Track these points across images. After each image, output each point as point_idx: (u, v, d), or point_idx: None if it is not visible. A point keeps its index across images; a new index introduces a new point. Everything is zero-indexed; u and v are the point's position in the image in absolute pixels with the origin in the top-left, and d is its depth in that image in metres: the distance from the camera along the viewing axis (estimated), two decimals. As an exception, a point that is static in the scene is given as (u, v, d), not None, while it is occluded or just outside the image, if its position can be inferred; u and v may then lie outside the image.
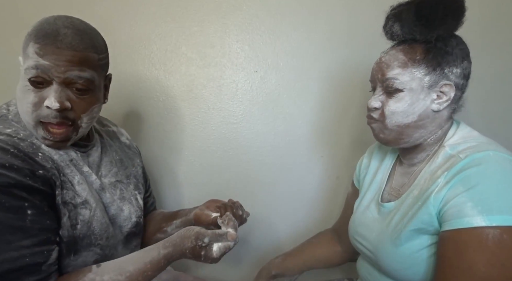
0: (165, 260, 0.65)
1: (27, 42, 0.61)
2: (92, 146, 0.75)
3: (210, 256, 0.66)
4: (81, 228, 0.66)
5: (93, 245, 0.68)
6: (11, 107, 0.67)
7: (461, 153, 0.62)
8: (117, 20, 1.11)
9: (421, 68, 0.66)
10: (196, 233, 0.65)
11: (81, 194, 0.67)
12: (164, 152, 1.20)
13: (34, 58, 0.60)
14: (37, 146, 0.63)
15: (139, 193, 0.86)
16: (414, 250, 0.64)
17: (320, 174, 1.23)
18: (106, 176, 0.77)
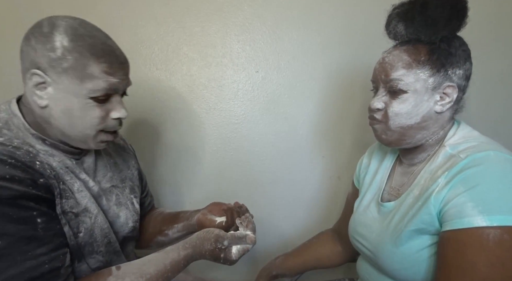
0: (184, 261, 0.65)
1: (82, 61, 0.59)
2: (85, 151, 0.72)
3: (229, 258, 0.66)
4: (84, 236, 0.65)
5: (95, 252, 0.68)
6: (2, 114, 0.63)
7: (462, 153, 0.62)
8: (118, 20, 1.12)
9: (425, 70, 0.66)
10: (216, 235, 0.66)
11: (81, 202, 0.66)
12: (164, 152, 1.20)
13: (104, 78, 0.61)
14: (34, 154, 0.60)
15: (135, 196, 0.84)
16: (415, 250, 0.64)
17: (321, 174, 1.23)
18: (101, 182, 0.75)
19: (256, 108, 1.18)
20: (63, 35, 0.58)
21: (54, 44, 0.58)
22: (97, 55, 0.60)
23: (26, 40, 0.61)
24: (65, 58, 0.58)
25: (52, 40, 0.58)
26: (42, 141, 0.64)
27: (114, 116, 0.65)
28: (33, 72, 0.59)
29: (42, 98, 0.61)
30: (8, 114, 0.63)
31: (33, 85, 0.60)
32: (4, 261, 0.51)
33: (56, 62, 0.58)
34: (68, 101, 0.61)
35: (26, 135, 0.62)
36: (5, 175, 0.53)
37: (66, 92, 0.60)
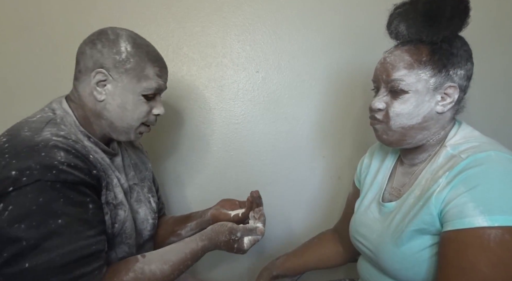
0: (202, 251, 0.73)
1: (141, 64, 0.71)
2: (116, 151, 0.81)
3: (241, 248, 0.74)
4: (118, 226, 0.72)
5: (123, 243, 0.74)
6: (57, 112, 0.71)
7: (463, 153, 0.62)
8: (118, 21, 1.12)
9: (427, 70, 0.65)
10: (230, 228, 0.74)
11: (118, 196, 0.73)
12: (165, 152, 1.20)
13: (155, 80, 0.73)
14: (87, 149, 0.68)
15: (152, 195, 0.90)
16: (416, 250, 0.64)
17: (322, 174, 1.23)
18: (127, 179, 0.82)
19: (257, 108, 1.18)
20: (126, 42, 0.70)
21: (120, 49, 0.70)
22: (152, 60, 0.73)
23: (91, 44, 0.70)
24: (128, 61, 0.70)
25: (118, 45, 0.70)
26: (87, 138, 0.72)
27: (155, 113, 0.77)
28: (98, 71, 0.69)
29: (101, 93, 0.71)
30: (62, 112, 0.71)
31: (95, 82, 0.70)
32: (62, 238, 0.57)
33: (120, 63, 0.70)
34: (124, 97, 0.71)
35: (76, 132, 0.70)
36: (71, 163, 0.60)
37: (123, 89, 0.71)
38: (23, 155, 0.58)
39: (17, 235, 0.54)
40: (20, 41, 1.12)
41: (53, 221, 0.57)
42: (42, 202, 0.56)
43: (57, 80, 1.13)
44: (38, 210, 0.56)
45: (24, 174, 0.56)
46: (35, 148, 0.59)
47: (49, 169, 0.57)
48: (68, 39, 1.11)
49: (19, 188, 0.55)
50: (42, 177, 0.56)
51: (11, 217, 0.55)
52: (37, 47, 1.12)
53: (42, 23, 1.11)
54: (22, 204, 0.55)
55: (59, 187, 0.58)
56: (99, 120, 0.73)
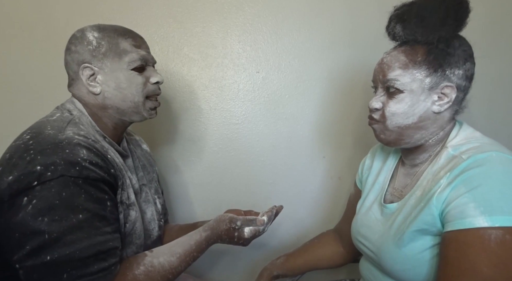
0: (206, 242, 0.74)
1: (113, 42, 0.72)
2: (127, 153, 0.82)
3: (242, 237, 0.75)
4: (128, 226, 0.73)
5: (132, 243, 0.75)
6: (73, 112, 0.72)
7: (464, 154, 0.62)
8: (118, 21, 1.10)
9: (422, 70, 0.66)
10: (230, 217, 0.76)
11: (130, 196, 0.74)
12: (165, 153, 1.20)
13: (135, 51, 0.74)
14: (105, 149, 0.70)
15: (159, 197, 0.91)
16: (417, 251, 0.64)
17: (322, 174, 1.23)
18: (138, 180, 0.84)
19: (257, 108, 1.18)
20: (92, 32, 0.73)
21: (89, 39, 0.72)
22: (122, 34, 0.74)
23: (67, 50, 0.75)
24: (100, 45, 0.72)
25: (85, 37, 0.73)
26: (103, 138, 0.73)
27: (153, 81, 0.77)
28: (83, 66, 0.72)
29: (95, 87, 0.73)
30: (78, 113, 0.73)
31: (86, 78, 0.73)
32: (82, 232, 0.58)
33: (96, 51, 0.72)
34: (115, 78, 0.73)
35: (94, 132, 0.72)
36: (92, 160, 0.62)
37: (112, 72, 0.73)
38: (48, 151, 0.59)
39: (40, 228, 0.56)
40: (21, 41, 1.12)
41: (75, 216, 0.58)
42: (65, 196, 0.58)
43: (58, 80, 1.13)
44: (60, 204, 0.57)
45: (49, 169, 0.58)
46: (59, 145, 0.61)
47: (73, 165, 0.59)
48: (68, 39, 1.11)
49: (44, 183, 0.57)
50: (66, 172, 0.58)
51: (35, 210, 0.56)
52: (37, 47, 1.12)
53: (43, 24, 1.11)
54: (45, 198, 0.57)
55: (81, 182, 0.60)
56: (106, 111, 0.75)
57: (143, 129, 1.18)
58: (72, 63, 0.74)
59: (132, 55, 0.73)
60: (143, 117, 0.79)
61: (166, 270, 0.68)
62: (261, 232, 0.77)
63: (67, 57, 0.75)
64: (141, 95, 0.76)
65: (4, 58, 1.12)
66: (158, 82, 0.78)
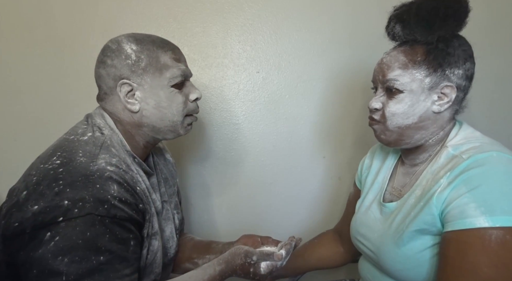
0: (220, 276, 0.69)
1: (153, 55, 0.68)
2: (153, 171, 0.78)
3: (258, 273, 0.70)
4: (149, 258, 0.69)
5: (152, 273, 0.72)
6: (104, 131, 0.68)
7: (464, 154, 0.62)
8: (119, 21, 1.12)
9: (421, 70, 0.66)
10: (246, 251, 0.70)
11: (154, 225, 0.70)
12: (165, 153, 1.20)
13: (175, 66, 0.70)
14: (135, 180, 0.66)
15: (177, 212, 0.88)
16: (417, 250, 0.64)
17: (322, 174, 1.23)
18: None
19: (257, 108, 1.18)
20: (129, 44, 0.68)
21: (127, 52, 0.67)
22: (161, 46, 0.70)
23: (101, 64, 0.69)
24: (140, 59, 0.67)
25: (123, 50, 0.67)
26: (133, 158, 0.69)
27: (192, 98, 0.73)
28: (121, 82, 0.67)
29: (134, 104, 0.69)
30: (109, 132, 0.68)
31: (124, 95, 0.68)
32: (100, 275, 0.55)
33: (135, 65, 0.67)
34: (156, 96, 0.69)
35: (124, 154, 0.67)
36: (122, 197, 0.59)
37: (152, 89, 0.69)
38: (78, 184, 0.56)
39: (59, 269, 0.53)
40: (22, 42, 1.12)
41: (96, 258, 0.55)
42: (89, 236, 0.55)
43: (59, 81, 1.13)
44: (83, 245, 0.54)
45: (76, 205, 0.55)
46: (90, 179, 0.57)
47: (102, 203, 0.56)
48: (69, 40, 1.11)
49: (69, 220, 0.54)
50: (93, 210, 0.55)
51: (56, 248, 0.53)
52: (38, 48, 1.12)
53: (44, 25, 1.11)
54: (69, 236, 0.54)
55: (107, 222, 0.57)
56: (141, 129, 0.71)
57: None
58: (107, 78, 0.68)
59: (173, 70, 0.69)
60: (179, 134, 0.75)
61: None
62: (279, 266, 0.72)
63: (101, 71, 0.69)
64: (181, 115, 0.72)
65: (4, 58, 1.12)
66: (198, 98, 0.74)
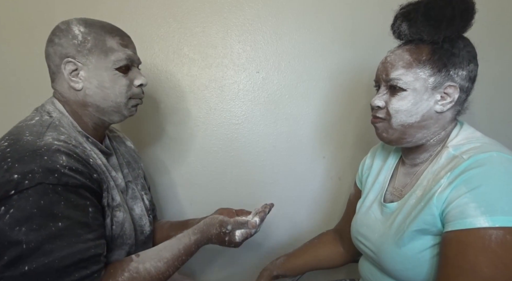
0: (195, 245, 0.72)
1: (100, 38, 0.70)
2: (111, 151, 0.81)
3: (233, 241, 0.73)
4: (116, 228, 0.71)
5: (124, 244, 0.74)
6: (53, 114, 0.70)
7: (465, 154, 0.62)
8: (119, 21, 1.10)
9: (426, 69, 0.66)
10: (220, 221, 0.73)
11: (115, 197, 0.73)
12: (165, 153, 1.20)
13: (122, 50, 0.72)
14: (87, 153, 0.68)
15: (146, 193, 0.90)
16: (417, 250, 0.64)
17: (322, 174, 1.23)
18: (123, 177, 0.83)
19: (257, 108, 1.18)
20: (78, 25, 0.70)
21: (74, 33, 0.70)
22: (109, 31, 0.72)
23: (50, 42, 0.72)
24: (86, 40, 0.70)
25: (71, 31, 0.70)
26: (86, 138, 0.72)
27: (137, 84, 0.76)
28: (66, 61, 0.70)
29: (77, 82, 0.71)
30: (57, 114, 0.71)
31: (68, 73, 0.70)
32: (62, 241, 0.57)
33: (81, 46, 0.70)
34: (99, 76, 0.71)
35: (75, 134, 0.70)
36: (72, 166, 0.61)
37: (96, 69, 0.71)
38: (26, 159, 0.58)
39: (18, 238, 0.54)
40: (20, 42, 1.12)
41: (54, 224, 0.57)
42: (43, 205, 0.56)
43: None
44: (39, 213, 0.56)
45: (26, 177, 0.56)
46: (37, 152, 0.59)
47: (51, 172, 0.58)
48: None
49: (21, 191, 0.56)
50: (44, 180, 0.57)
51: (12, 220, 0.55)
52: (37, 48, 1.12)
53: (42, 24, 1.11)
54: (23, 207, 0.55)
55: (60, 190, 0.58)
56: (86, 109, 0.73)
57: (142, 129, 1.18)
58: (54, 56, 0.71)
59: (118, 54, 0.71)
60: (124, 116, 0.77)
61: (153, 276, 0.66)
62: (253, 233, 0.75)
63: (49, 49, 0.72)
64: (124, 96, 0.74)
65: (4, 58, 1.12)
66: (142, 84, 0.76)
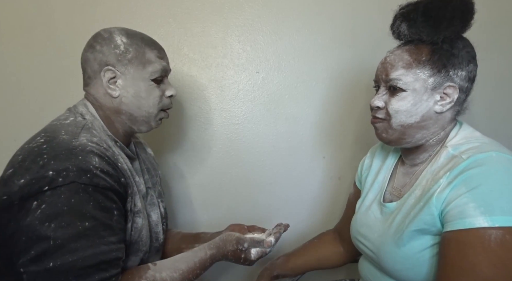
0: (210, 260, 0.74)
1: (140, 50, 0.73)
2: (135, 156, 0.83)
3: (248, 258, 0.74)
4: (134, 234, 0.72)
5: (140, 250, 0.74)
6: (86, 116, 0.72)
7: (464, 154, 0.62)
8: (119, 21, 1.12)
9: (425, 70, 0.66)
10: (237, 238, 0.74)
11: (137, 203, 0.74)
12: (165, 153, 1.20)
13: (158, 62, 0.75)
14: (116, 157, 0.69)
15: (161, 201, 0.91)
16: (416, 250, 0.64)
17: (322, 174, 1.23)
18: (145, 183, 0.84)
19: (257, 108, 1.18)
20: (120, 35, 0.73)
21: (117, 43, 0.72)
22: (149, 44, 0.75)
23: (90, 48, 0.73)
24: (128, 51, 0.72)
25: (114, 40, 0.72)
26: (114, 142, 0.74)
27: (168, 94, 0.79)
28: (106, 69, 0.72)
29: (114, 90, 0.73)
30: (90, 117, 0.73)
31: (107, 81, 0.72)
32: (87, 240, 0.58)
33: (122, 56, 0.72)
34: (136, 86, 0.74)
35: (105, 137, 0.72)
36: (104, 168, 0.62)
37: (133, 79, 0.73)
38: (61, 157, 0.59)
39: (46, 234, 0.56)
40: (21, 42, 1.12)
41: (81, 223, 0.58)
42: (74, 203, 0.58)
43: (59, 80, 1.14)
44: (68, 211, 0.57)
45: (60, 174, 0.58)
46: (73, 151, 0.61)
47: (85, 172, 0.59)
48: (69, 40, 1.11)
49: (54, 188, 0.57)
50: (77, 179, 0.58)
51: (43, 215, 0.56)
52: (38, 48, 1.12)
53: (43, 24, 1.11)
54: (54, 203, 0.57)
55: (91, 190, 0.59)
56: (119, 116, 0.75)
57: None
58: (93, 62, 0.73)
59: (155, 66, 0.74)
60: (151, 127, 0.80)
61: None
62: (268, 253, 0.76)
63: (88, 55, 0.73)
64: (156, 107, 0.77)
65: (4, 58, 1.12)
66: (172, 95, 0.80)
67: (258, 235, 0.81)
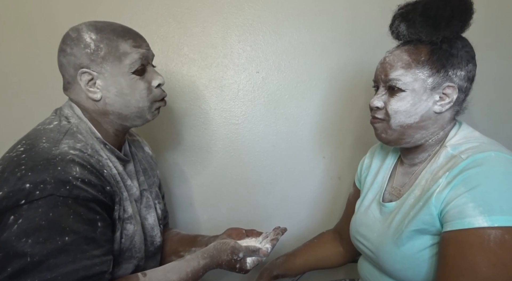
0: (203, 269, 0.70)
1: (112, 44, 0.67)
2: (129, 158, 0.79)
3: (244, 268, 0.73)
4: (125, 241, 0.69)
5: (133, 257, 0.72)
6: (71, 120, 0.69)
7: (463, 153, 0.62)
8: (118, 21, 1.11)
9: (425, 70, 0.66)
10: (232, 247, 0.72)
11: (127, 210, 0.71)
12: (165, 153, 1.20)
13: (135, 51, 0.69)
14: (102, 163, 0.66)
15: (159, 202, 0.88)
16: (416, 250, 0.64)
17: (322, 174, 1.23)
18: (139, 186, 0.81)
19: (257, 108, 1.18)
20: (89, 32, 0.67)
21: (86, 41, 0.67)
22: (122, 35, 0.69)
23: (62, 52, 0.69)
24: (99, 48, 0.67)
25: (82, 39, 0.67)
26: (103, 144, 0.70)
27: (155, 84, 0.73)
28: (81, 72, 0.67)
29: (95, 92, 0.69)
30: (76, 120, 0.69)
31: (85, 84, 0.68)
32: (67, 256, 0.55)
33: (94, 54, 0.67)
34: (117, 84, 0.69)
35: (93, 141, 0.68)
36: (85, 179, 0.59)
37: (112, 77, 0.68)
38: (39, 168, 0.57)
39: (23, 250, 0.53)
40: (22, 42, 1.12)
41: (60, 238, 0.55)
42: (52, 217, 0.55)
43: (59, 81, 1.13)
44: (47, 226, 0.54)
45: (38, 187, 0.55)
46: (51, 161, 0.58)
47: (64, 184, 0.56)
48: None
49: (31, 202, 0.55)
50: (55, 191, 0.56)
51: (20, 230, 0.54)
52: (38, 48, 1.12)
53: (44, 25, 1.11)
54: (32, 218, 0.54)
55: (70, 203, 0.57)
56: (107, 117, 0.72)
57: (141, 129, 1.18)
58: (68, 66, 0.69)
59: (132, 56, 0.69)
60: (147, 120, 0.75)
61: None
62: (263, 261, 0.74)
63: (61, 59, 0.69)
64: (147, 100, 0.72)
65: (4, 58, 1.12)
66: (160, 84, 0.74)
67: (254, 241, 0.79)
